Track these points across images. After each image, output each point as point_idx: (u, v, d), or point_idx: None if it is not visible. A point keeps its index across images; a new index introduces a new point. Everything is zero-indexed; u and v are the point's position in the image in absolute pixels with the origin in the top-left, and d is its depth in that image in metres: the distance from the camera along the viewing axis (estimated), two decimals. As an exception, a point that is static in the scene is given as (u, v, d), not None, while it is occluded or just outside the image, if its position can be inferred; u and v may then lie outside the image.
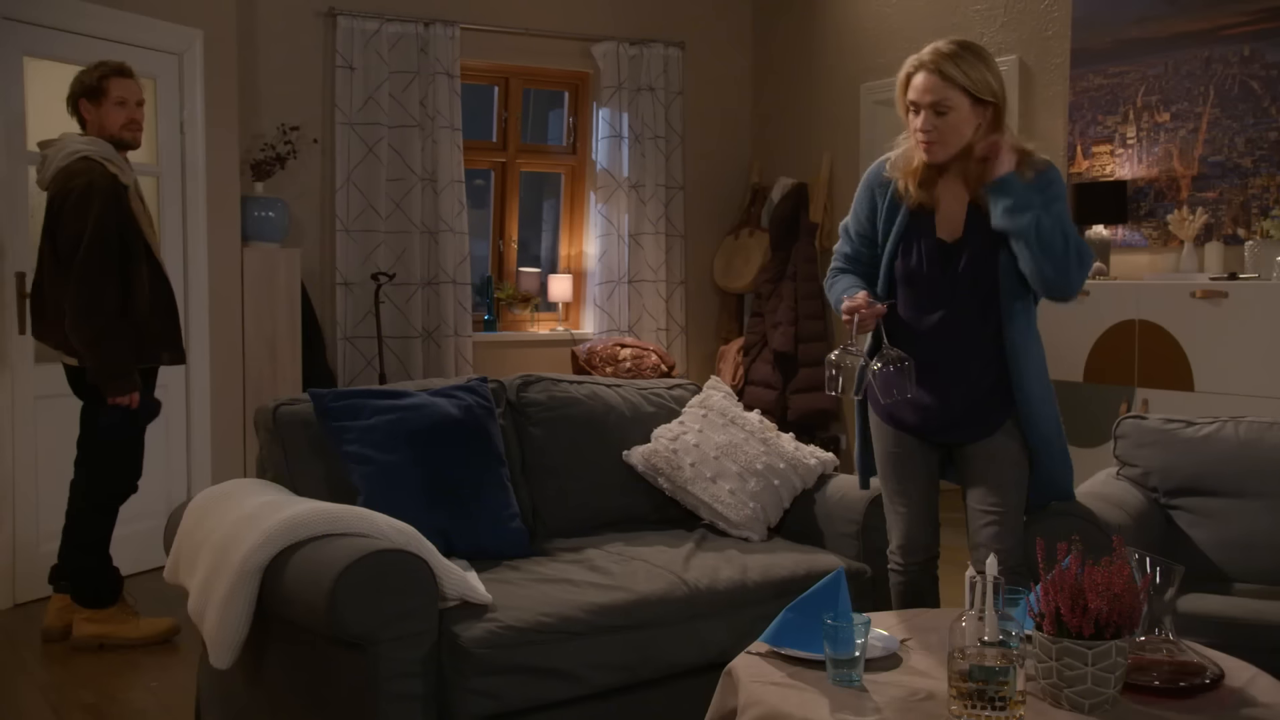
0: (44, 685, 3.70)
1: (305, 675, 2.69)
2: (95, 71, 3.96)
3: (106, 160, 3.89)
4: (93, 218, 3.77)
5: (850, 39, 6.72)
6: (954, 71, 2.70)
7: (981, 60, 2.73)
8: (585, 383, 3.70)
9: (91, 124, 3.97)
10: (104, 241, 3.79)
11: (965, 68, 2.70)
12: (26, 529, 4.53)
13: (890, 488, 3.01)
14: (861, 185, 3.02)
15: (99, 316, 3.80)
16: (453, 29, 6.38)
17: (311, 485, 3.11)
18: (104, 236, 3.79)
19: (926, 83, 2.73)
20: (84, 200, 3.78)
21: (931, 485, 2.99)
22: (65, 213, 3.80)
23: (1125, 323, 4.77)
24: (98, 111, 3.96)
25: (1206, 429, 3.25)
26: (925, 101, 2.73)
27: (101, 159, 3.88)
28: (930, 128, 2.74)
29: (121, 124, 3.97)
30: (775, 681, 2.17)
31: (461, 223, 6.44)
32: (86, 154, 3.87)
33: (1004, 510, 2.84)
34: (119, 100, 3.96)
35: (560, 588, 2.83)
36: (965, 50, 2.73)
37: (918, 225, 2.87)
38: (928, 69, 2.73)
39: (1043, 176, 2.79)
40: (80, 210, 3.78)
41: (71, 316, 3.79)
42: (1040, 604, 2.00)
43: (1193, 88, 4.96)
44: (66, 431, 4.52)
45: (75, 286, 3.77)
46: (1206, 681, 2.04)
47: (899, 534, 2.99)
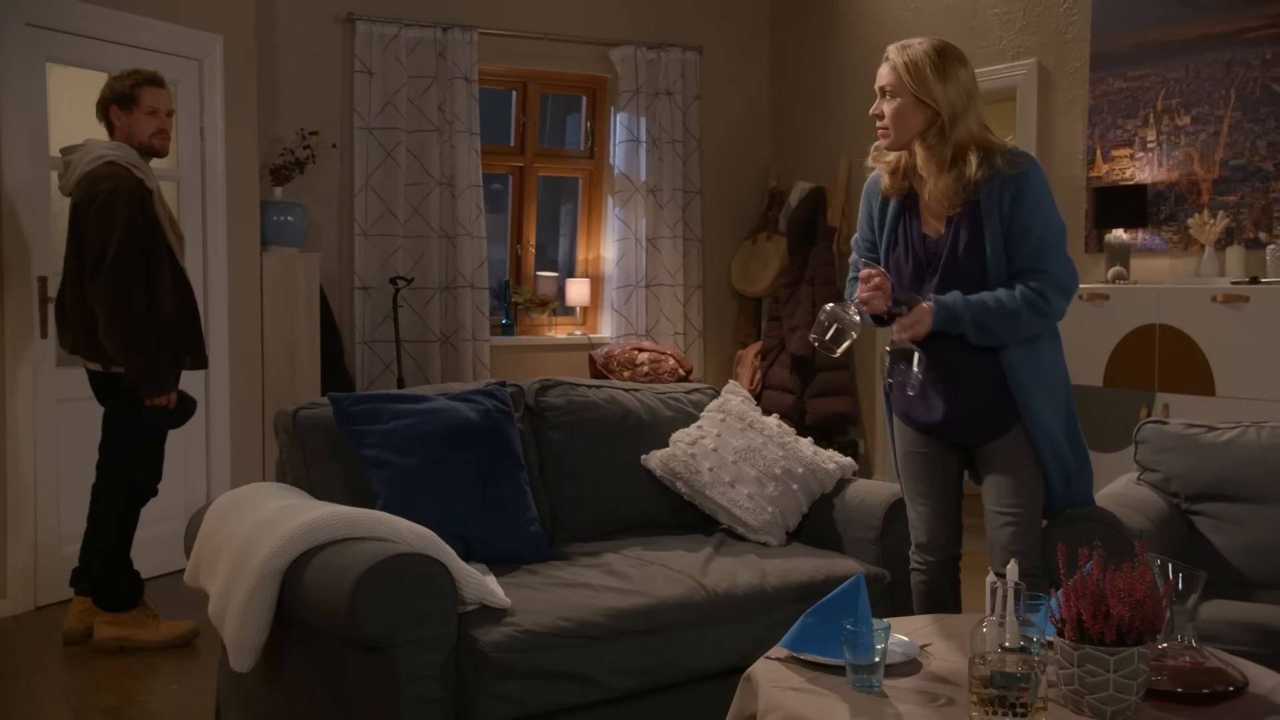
0: (65, 687, 3.72)
1: (324, 678, 2.69)
2: (128, 79, 3.99)
3: (132, 165, 3.91)
4: (120, 222, 3.79)
5: (867, 43, 6.71)
6: (902, 65, 2.82)
7: (942, 67, 2.81)
8: (604, 387, 3.70)
9: (120, 130, 4.00)
10: (131, 245, 3.81)
11: (918, 66, 2.80)
12: (47, 532, 4.56)
13: (910, 486, 3.02)
14: (865, 191, 3.12)
15: (131, 320, 3.81)
16: (471, 34, 6.40)
17: (331, 489, 3.11)
18: (131, 240, 3.81)
19: (882, 69, 2.90)
20: (110, 205, 3.80)
21: (951, 485, 2.99)
22: (92, 217, 3.81)
23: (1146, 327, 4.74)
24: (128, 119, 3.98)
25: (1228, 434, 3.23)
26: (875, 86, 2.91)
27: (127, 164, 3.90)
28: (879, 112, 2.91)
29: (151, 133, 4.01)
30: (794, 687, 2.16)
31: (479, 227, 6.45)
32: (112, 159, 3.89)
33: (1020, 512, 2.83)
34: (150, 109, 3.99)
35: (579, 592, 2.83)
36: (931, 52, 2.82)
37: (905, 220, 2.94)
38: (888, 58, 2.88)
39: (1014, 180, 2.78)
40: (107, 215, 3.79)
41: (105, 322, 3.80)
42: (1062, 610, 1.99)
43: (1214, 91, 4.93)
44: (87, 435, 4.55)
45: (105, 291, 3.78)
46: (1230, 689, 2.03)
47: (919, 532, 3.01)
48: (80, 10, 4.62)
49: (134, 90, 3.97)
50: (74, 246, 3.91)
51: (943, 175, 2.83)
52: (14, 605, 4.46)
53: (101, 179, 3.83)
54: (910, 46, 2.85)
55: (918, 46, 2.84)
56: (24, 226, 4.46)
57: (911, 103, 2.83)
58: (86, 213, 3.83)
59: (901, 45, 2.87)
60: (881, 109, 2.90)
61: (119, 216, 3.79)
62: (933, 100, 2.80)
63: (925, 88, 2.80)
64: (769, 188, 7.33)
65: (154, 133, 4.01)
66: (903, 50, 2.85)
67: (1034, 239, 2.78)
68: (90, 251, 3.82)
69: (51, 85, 4.61)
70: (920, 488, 3.00)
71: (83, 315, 3.90)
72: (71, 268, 3.94)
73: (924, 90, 2.81)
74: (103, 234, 3.79)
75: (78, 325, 3.93)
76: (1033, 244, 2.78)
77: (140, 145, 3.98)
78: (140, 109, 3.98)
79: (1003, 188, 2.78)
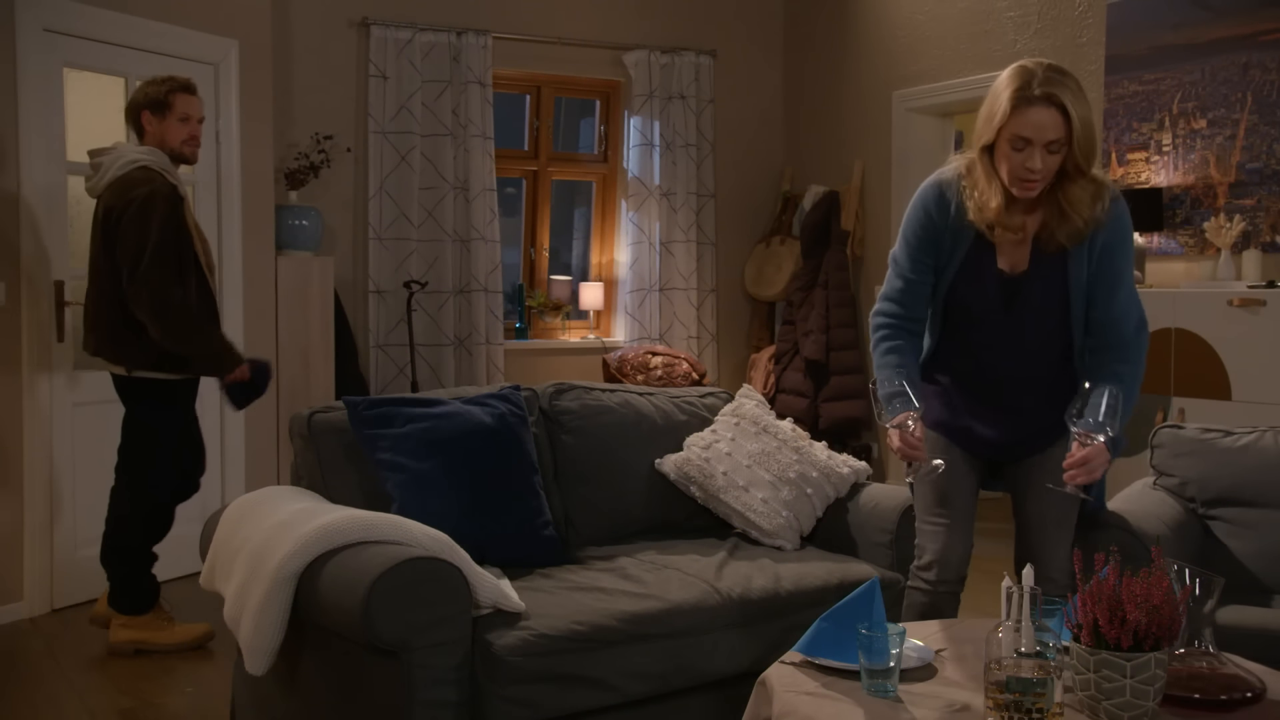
0: (81, 690, 3.73)
1: (339, 682, 2.70)
2: (163, 85, 3.99)
3: (165, 171, 3.93)
4: (156, 226, 3.80)
5: (882, 46, 6.70)
6: (1070, 103, 2.45)
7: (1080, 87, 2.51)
8: (618, 391, 3.70)
9: (152, 136, 3.99)
10: (168, 249, 3.82)
11: (1077, 101, 2.47)
12: (64, 535, 4.58)
13: (927, 502, 2.85)
14: (916, 210, 2.76)
15: (177, 313, 3.83)
16: (485, 38, 6.41)
17: (345, 492, 3.12)
18: (167, 244, 3.81)
19: (1048, 118, 2.45)
20: (147, 209, 3.80)
21: (973, 501, 2.88)
22: (127, 222, 3.81)
23: (1161, 331, 4.72)
24: (160, 125, 3.98)
25: (1245, 439, 3.22)
26: (1043, 139, 2.46)
27: (160, 170, 3.92)
28: (1041, 168, 2.49)
29: (183, 139, 4.01)
30: (809, 691, 2.16)
31: (493, 231, 6.46)
32: (146, 164, 3.90)
33: (1072, 521, 2.79)
34: (183, 116, 4.00)
35: (593, 596, 2.83)
36: (1067, 76, 2.49)
37: (979, 256, 2.69)
38: (1045, 101, 2.45)
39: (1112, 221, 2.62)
40: (143, 219, 3.80)
41: (151, 323, 3.81)
42: (1078, 615, 1.98)
43: (1230, 94, 4.92)
44: (104, 438, 4.56)
45: (147, 294, 3.79)
46: (1247, 695, 2.02)
47: (930, 551, 2.84)
48: (97, 16, 4.65)
49: (168, 96, 3.97)
50: (101, 249, 3.91)
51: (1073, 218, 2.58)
52: (31, 608, 4.48)
53: (137, 183, 3.84)
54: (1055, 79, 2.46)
55: (1057, 75, 2.47)
56: (41, 231, 4.48)
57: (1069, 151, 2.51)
58: (121, 217, 3.82)
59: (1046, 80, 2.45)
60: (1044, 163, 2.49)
61: (155, 221, 3.80)
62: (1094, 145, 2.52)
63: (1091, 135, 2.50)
64: (783, 191, 7.32)
65: (185, 139, 4.02)
66: (1056, 85, 2.46)
67: (1125, 284, 2.66)
68: (127, 255, 3.81)
69: (68, 90, 4.63)
70: (939, 504, 2.82)
71: (107, 318, 3.91)
72: (97, 270, 3.94)
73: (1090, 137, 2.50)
74: (139, 238, 3.79)
75: (102, 328, 3.94)
76: (1125, 291, 2.66)
77: (171, 152, 3.99)
78: (173, 115, 3.98)
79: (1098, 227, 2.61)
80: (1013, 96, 2.47)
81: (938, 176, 2.76)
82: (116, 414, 4.56)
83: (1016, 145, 2.49)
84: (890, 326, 2.82)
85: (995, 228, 2.61)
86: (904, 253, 2.80)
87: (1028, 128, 2.46)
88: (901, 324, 2.82)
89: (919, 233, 2.75)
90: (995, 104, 2.52)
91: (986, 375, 2.78)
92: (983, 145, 2.57)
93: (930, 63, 6.37)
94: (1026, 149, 2.48)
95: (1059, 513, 2.78)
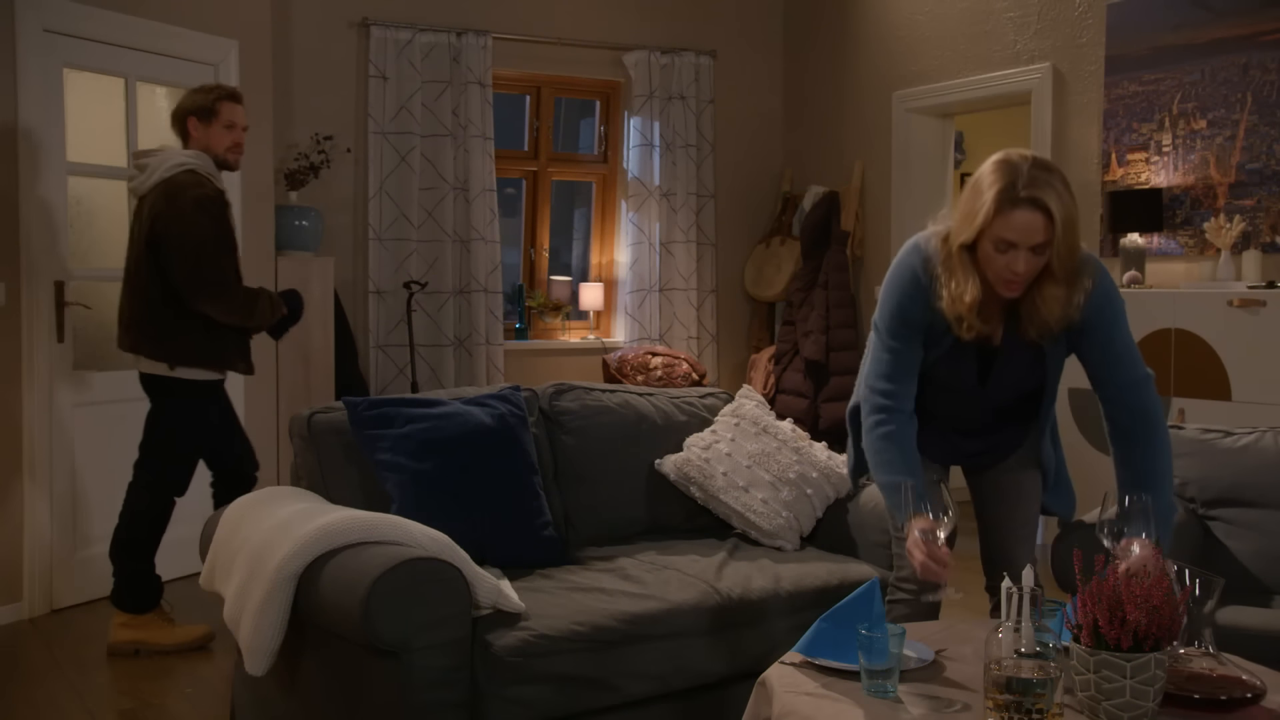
0: (80, 691, 3.73)
1: (339, 682, 2.70)
2: (211, 93, 4.08)
3: (211, 175, 4.01)
4: (205, 227, 3.88)
5: (882, 47, 6.70)
6: (1056, 206, 2.34)
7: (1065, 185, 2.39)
8: (617, 391, 3.70)
9: (197, 142, 4.06)
10: (217, 248, 3.90)
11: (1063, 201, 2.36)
12: (63, 536, 4.58)
13: None
14: (902, 284, 2.59)
15: (234, 290, 3.96)
16: (485, 39, 6.41)
17: (345, 493, 3.12)
18: (216, 244, 3.90)
19: (1034, 221, 2.34)
20: (197, 211, 3.88)
21: None
22: (175, 223, 3.88)
23: (1161, 331, 4.72)
24: (206, 131, 4.05)
25: (1245, 439, 3.22)
26: (1028, 242, 2.36)
27: (207, 174, 4.00)
28: (1025, 270, 2.39)
29: (227, 146, 4.08)
30: (809, 692, 2.15)
31: (493, 231, 6.46)
32: (193, 167, 3.97)
33: (1033, 522, 2.85)
34: (228, 124, 4.06)
35: (593, 596, 2.83)
36: (1053, 173, 2.38)
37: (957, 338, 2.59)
38: (1031, 204, 2.34)
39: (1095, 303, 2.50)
40: (193, 220, 3.87)
41: (217, 307, 3.92)
42: (1078, 615, 1.98)
43: (1230, 94, 4.92)
44: (104, 439, 4.58)
45: (207, 282, 3.89)
46: (1248, 695, 2.02)
47: None
48: (97, 16, 4.65)
49: (215, 104, 4.05)
50: (143, 248, 3.95)
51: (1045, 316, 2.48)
52: (30, 609, 4.48)
53: (186, 186, 3.91)
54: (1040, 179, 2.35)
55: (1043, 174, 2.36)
56: (42, 231, 4.48)
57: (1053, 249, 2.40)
58: (169, 219, 3.89)
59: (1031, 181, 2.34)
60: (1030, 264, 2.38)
61: (203, 222, 3.88)
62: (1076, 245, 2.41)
63: (1073, 237, 2.39)
64: (782, 192, 7.32)
65: (230, 146, 4.09)
66: (1042, 187, 2.34)
67: (1118, 351, 2.58)
68: (183, 252, 3.87)
69: (68, 91, 4.63)
70: None
71: (147, 316, 3.97)
72: (137, 269, 3.99)
73: (1073, 237, 2.39)
74: (196, 234, 3.87)
75: (141, 326, 3.99)
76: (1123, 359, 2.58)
77: (215, 158, 4.06)
78: (219, 122, 4.06)
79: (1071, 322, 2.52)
80: (997, 197, 2.34)
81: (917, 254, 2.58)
82: (116, 414, 4.57)
83: (1000, 247, 2.38)
84: (887, 410, 2.62)
85: (964, 321, 2.50)
86: (900, 322, 2.62)
87: (1012, 231, 2.35)
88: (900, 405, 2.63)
89: (910, 301, 2.59)
90: (978, 202, 2.38)
91: (958, 425, 2.79)
92: (962, 244, 2.43)
93: (930, 63, 6.37)
94: (1011, 251, 2.37)
95: (1024, 514, 2.84)
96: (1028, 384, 2.68)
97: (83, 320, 4.71)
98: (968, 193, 2.45)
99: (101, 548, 4.65)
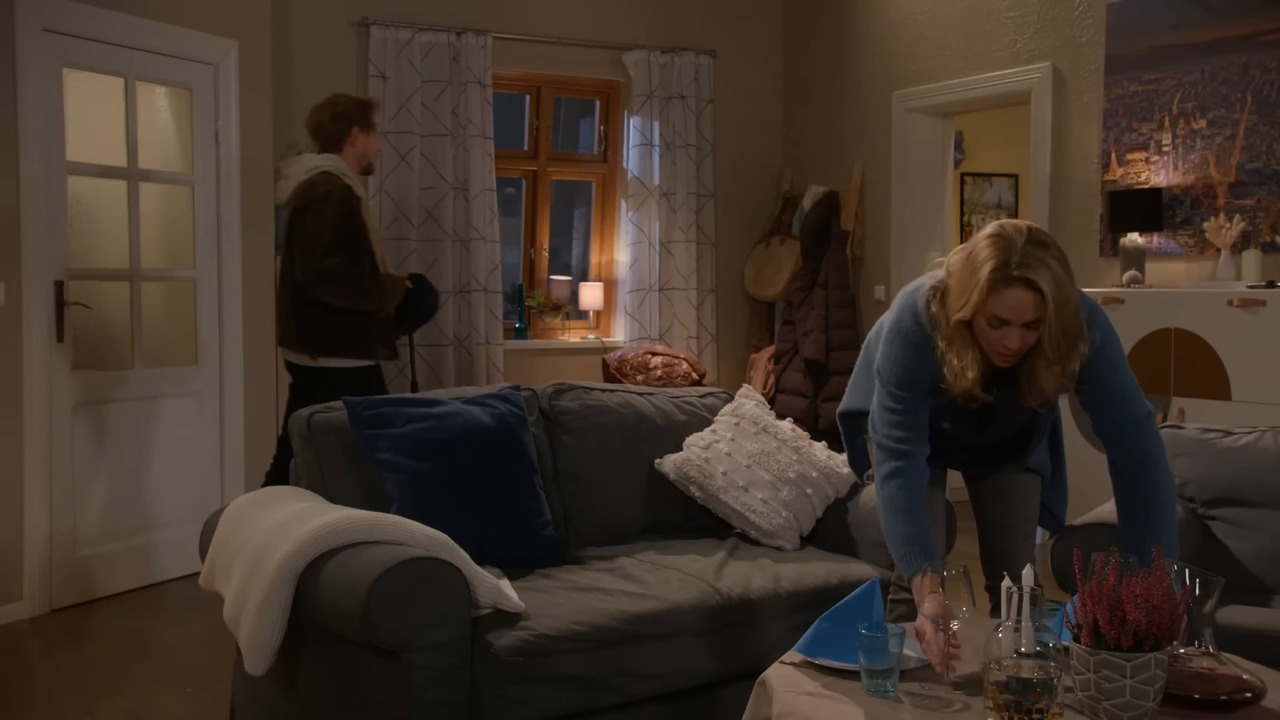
0: (80, 690, 3.73)
1: (339, 682, 2.70)
2: (367, 106, 4.56)
3: (343, 174, 4.36)
4: (331, 217, 4.22)
5: (882, 46, 6.70)
6: (1049, 287, 2.32)
7: (1061, 260, 2.37)
8: (617, 391, 3.70)
9: (355, 149, 4.49)
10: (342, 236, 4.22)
11: (1059, 277, 2.34)
12: (63, 535, 4.58)
13: None
14: (905, 348, 2.57)
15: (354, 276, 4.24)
16: (485, 38, 6.41)
17: (345, 493, 3.12)
18: (343, 232, 4.23)
19: (1027, 300, 2.34)
20: (324, 205, 4.24)
21: (943, 506, 2.91)
22: (310, 215, 4.25)
23: (1161, 331, 4.72)
24: (365, 140, 4.52)
25: (1245, 439, 3.21)
26: (1021, 320, 2.36)
27: (339, 173, 4.34)
28: (1019, 346, 2.39)
29: (376, 152, 4.60)
30: (809, 692, 2.16)
31: (493, 231, 6.46)
32: (325, 169, 4.35)
33: (1031, 522, 2.88)
34: (380, 132, 4.59)
35: (593, 596, 2.83)
36: (1049, 250, 2.36)
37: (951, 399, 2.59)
38: (1024, 285, 2.33)
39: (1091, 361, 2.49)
40: (321, 212, 4.23)
41: (336, 293, 4.24)
42: (1078, 615, 1.98)
43: (1230, 94, 4.91)
44: (102, 439, 4.58)
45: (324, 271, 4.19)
46: (1248, 695, 2.02)
47: None
48: (97, 16, 4.64)
49: (372, 116, 4.55)
50: (288, 245, 4.35)
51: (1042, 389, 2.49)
52: (30, 608, 4.47)
53: (317, 185, 4.29)
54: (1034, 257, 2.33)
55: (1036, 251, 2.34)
56: (41, 231, 4.47)
57: None
58: (304, 214, 4.26)
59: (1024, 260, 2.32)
60: (1024, 339, 2.39)
61: (330, 215, 4.22)
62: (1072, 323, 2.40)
63: (1068, 312, 2.38)
64: (782, 191, 7.32)
65: (376, 152, 4.61)
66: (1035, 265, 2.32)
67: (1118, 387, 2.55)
68: (304, 243, 4.22)
69: (68, 90, 4.63)
70: None
71: (293, 309, 4.34)
72: (288, 266, 4.35)
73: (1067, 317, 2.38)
74: (316, 227, 4.21)
75: (289, 319, 4.38)
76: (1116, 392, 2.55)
77: (366, 163, 4.55)
78: (375, 132, 4.57)
79: None
80: (990, 275, 2.34)
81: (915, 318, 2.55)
82: (116, 414, 4.57)
83: (993, 323, 2.39)
84: (904, 456, 2.59)
85: (968, 394, 2.51)
86: (897, 381, 2.60)
87: (1005, 309, 2.36)
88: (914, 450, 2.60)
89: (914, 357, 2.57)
90: (973, 280, 2.38)
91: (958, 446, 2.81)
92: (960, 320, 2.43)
93: (930, 62, 6.37)
94: (1004, 327, 2.38)
95: (1022, 514, 2.88)
96: (1023, 424, 2.74)
97: (83, 320, 4.71)
98: (963, 266, 2.44)
99: (101, 547, 4.66)
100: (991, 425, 2.70)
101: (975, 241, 2.44)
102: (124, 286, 4.89)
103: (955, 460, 2.87)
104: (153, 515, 4.90)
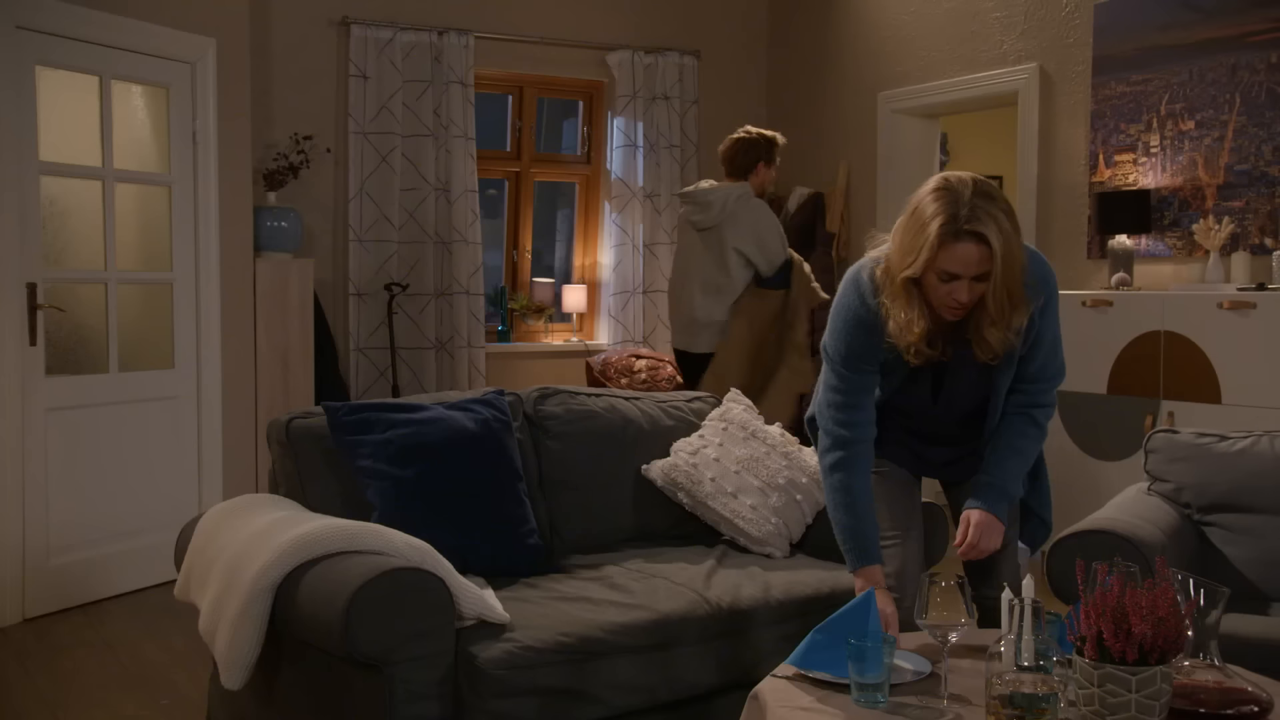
0: (53, 703, 3.65)
1: (319, 696, 2.63)
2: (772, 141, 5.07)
3: None
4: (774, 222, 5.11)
5: (867, 47, 6.66)
6: (997, 240, 2.34)
7: (1008, 213, 2.38)
8: (603, 395, 3.64)
9: (759, 180, 5.07)
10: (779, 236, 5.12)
11: (1006, 231, 2.35)
12: (36, 543, 4.48)
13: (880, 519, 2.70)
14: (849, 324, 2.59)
15: None
16: (467, 38, 6.34)
17: (325, 501, 3.05)
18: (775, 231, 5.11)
19: (976, 253, 2.35)
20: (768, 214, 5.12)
21: (919, 511, 2.85)
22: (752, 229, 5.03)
23: (1150, 334, 4.69)
24: (767, 173, 5.11)
25: (1240, 443, 3.18)
26: (970, 273, 2.38)
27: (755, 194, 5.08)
28: (969, 299, 2.41)
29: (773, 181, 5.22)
30: (803, 706, 2.11)
31: (475, 233, 6.39)
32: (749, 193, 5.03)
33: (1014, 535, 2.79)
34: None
35: (579, 606, 2.77)
36: (995, 201, 2.37)
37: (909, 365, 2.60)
38: (973, 238, 2.34)
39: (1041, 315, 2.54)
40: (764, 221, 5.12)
41: None
42: (1081, 627, 1.93)
43: (1218, 95, 4.89)
44: (76, 444, 4.49)
45: None
46: (1254, 709, 1.97)
47: (892, 568, 2.70)
48: (71, 13, 4.56)
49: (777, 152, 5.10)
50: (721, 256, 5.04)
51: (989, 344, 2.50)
52: (2, 617, 4.38)
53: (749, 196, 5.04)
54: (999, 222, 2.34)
55: (1004, 218, 2.36)
56: (12, 232, 4.38)
57: None
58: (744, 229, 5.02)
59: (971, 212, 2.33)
60: (972, 292, 2.40)
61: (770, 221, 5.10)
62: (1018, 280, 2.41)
63: (1014, 269, 2.39)
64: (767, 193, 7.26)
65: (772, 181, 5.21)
66: (982, 216, 2.33)
67: (1047, 344, 2.61)
68: None
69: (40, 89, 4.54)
70: (890, 525, 2.71)
71: None
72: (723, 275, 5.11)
73: (1013, 274, 2.39)
74: None
75: None
76: (1046, 349, 2.62)
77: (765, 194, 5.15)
78: (775, 166, 5.12)
79: None
80: (939, 231, 2.34)
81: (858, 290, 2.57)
82: (90, 419, 4.49)
83: (943, 278, 2.39)
84: (844, 443, 2.62)
85: (913, 349, 2.51)
86: (841, 358, 2.62)
87: (954, 263, 2.36)
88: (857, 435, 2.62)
89: (851, 352, 2.60)
90: (921, 236, 2.37)
91: (922, 435, 2.80)
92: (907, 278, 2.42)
93: (916, 64, 6.33)
94: (953, 281, 2.39)
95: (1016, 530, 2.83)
96: (981, 392, 2.68)
97: (56, 323, 4.62)
98: (909, 223, 2.43)
99: (76, 555, 4.58)
100: (945, 393, 2.68)
101: (919, 197, 2.44)
102: (99, 289, 4.80)
103: (926, 459, 2.83)
104: (128, 522, 4.81)
